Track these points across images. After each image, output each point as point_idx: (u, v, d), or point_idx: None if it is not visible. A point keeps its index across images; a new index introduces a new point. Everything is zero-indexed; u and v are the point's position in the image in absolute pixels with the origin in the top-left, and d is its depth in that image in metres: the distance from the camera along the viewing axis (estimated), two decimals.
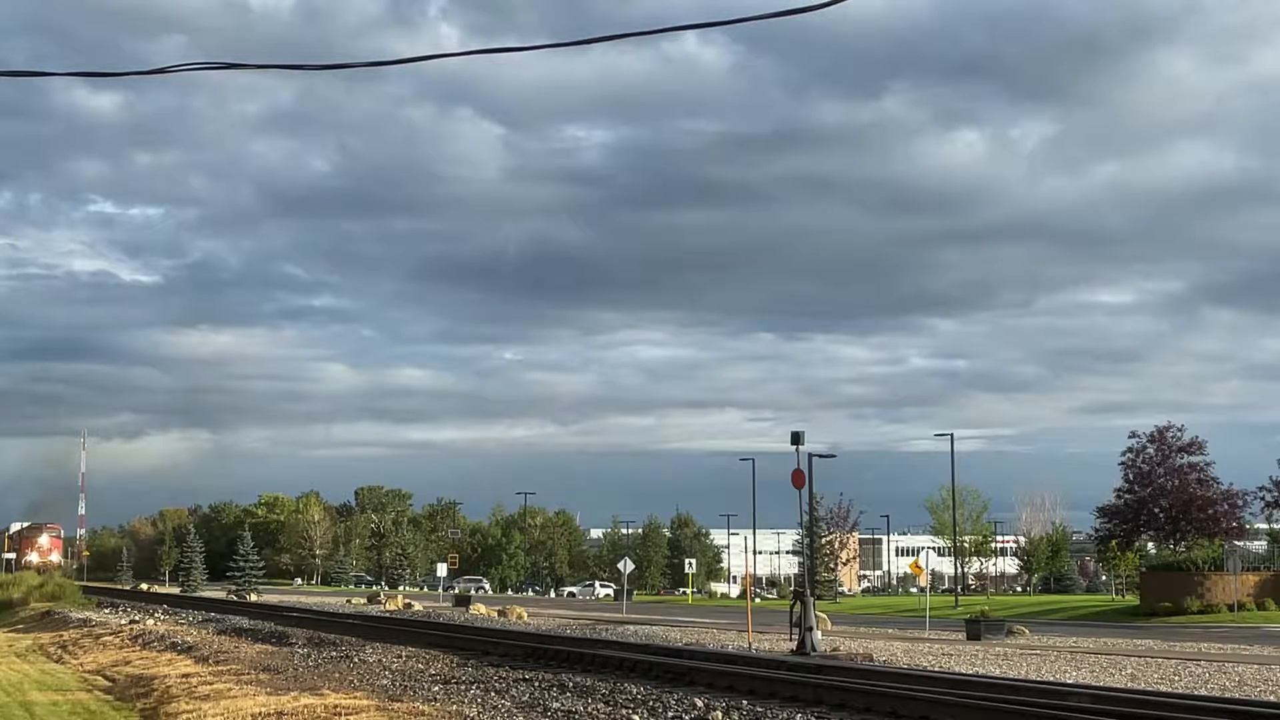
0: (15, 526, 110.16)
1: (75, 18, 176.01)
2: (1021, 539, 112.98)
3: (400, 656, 23.65)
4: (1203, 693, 19.81)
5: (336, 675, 19.94)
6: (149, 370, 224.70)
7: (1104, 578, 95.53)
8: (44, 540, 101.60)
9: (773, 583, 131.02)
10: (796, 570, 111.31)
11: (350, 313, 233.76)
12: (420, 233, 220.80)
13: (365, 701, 15.81)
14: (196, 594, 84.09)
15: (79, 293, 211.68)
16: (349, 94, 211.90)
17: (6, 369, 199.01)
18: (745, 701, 16.08)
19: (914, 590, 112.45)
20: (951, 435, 77.57)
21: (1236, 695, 19.44)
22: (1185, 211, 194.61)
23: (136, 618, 40.19)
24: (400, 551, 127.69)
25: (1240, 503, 66.95)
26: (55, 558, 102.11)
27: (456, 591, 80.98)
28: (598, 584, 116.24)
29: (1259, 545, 74.55)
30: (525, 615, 51.95)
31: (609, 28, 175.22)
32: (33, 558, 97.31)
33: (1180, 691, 19.56)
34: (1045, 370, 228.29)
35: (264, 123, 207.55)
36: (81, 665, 25.92)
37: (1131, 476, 68.91)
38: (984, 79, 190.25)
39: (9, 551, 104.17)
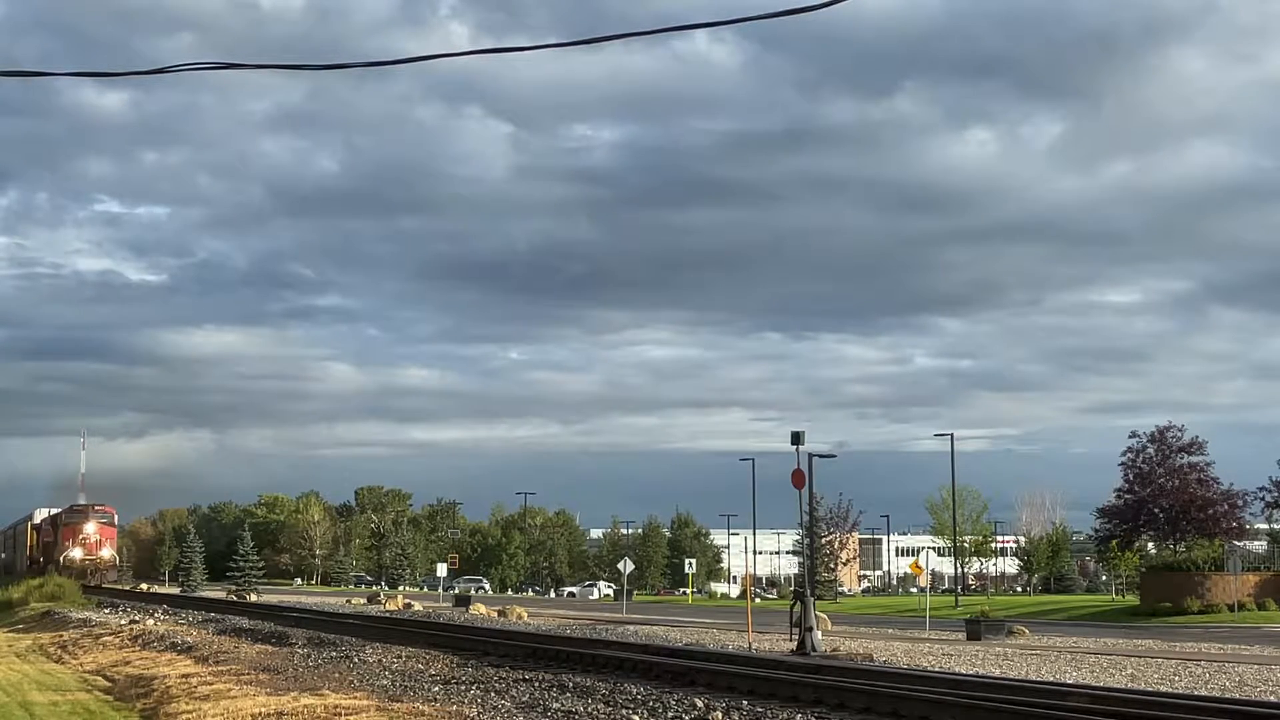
0: (41, 514, 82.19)
1: (84, 16, 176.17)
2: (1022, 539, 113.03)
3: (400, 656, 23.63)
4: (1203, 693, 19.81)
5: (336, 675, 19.92)
6: (153, 370, 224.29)
7: (1104, 578, 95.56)
8: (90, 529, 74.46)
9: (773, 583, 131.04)
10: (796, 570, 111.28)
11: (356, 312, 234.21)
12: (427, 232, 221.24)
13: (365, 701, 15.81)
14: (196, 594, 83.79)
15: (85, 292, 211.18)
16: (358, 93, 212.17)
17: (12, 368, 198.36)
18: (745, 701, 16.06)
19: (914, 590, 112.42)
20: (951, 435, 77.72)
21: (1237, 695, 19.44)
22: (1196, 210, 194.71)
23: (136, 618, 40.15)
24: (400, 552, 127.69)
25: (1240, 503, 67.02)
26: (107, 553, 75.15)
27: (456, 592, 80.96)
28: (598, 584, 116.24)
29: (1259, 545, 74.59)
30: (525, 615, 51.92)
31: (619, 26, 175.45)
32: (75, 553, 72.83)
33: (1180, 691, 19.56)
34: (1051, 370, 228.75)
35: (272, 122, 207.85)
36: (81, 665, 25.91)
37: (1131, 477, 68.97)
38: (997, 77, 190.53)
39: (37, 549, 79.76)
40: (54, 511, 79.34)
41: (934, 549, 63.60)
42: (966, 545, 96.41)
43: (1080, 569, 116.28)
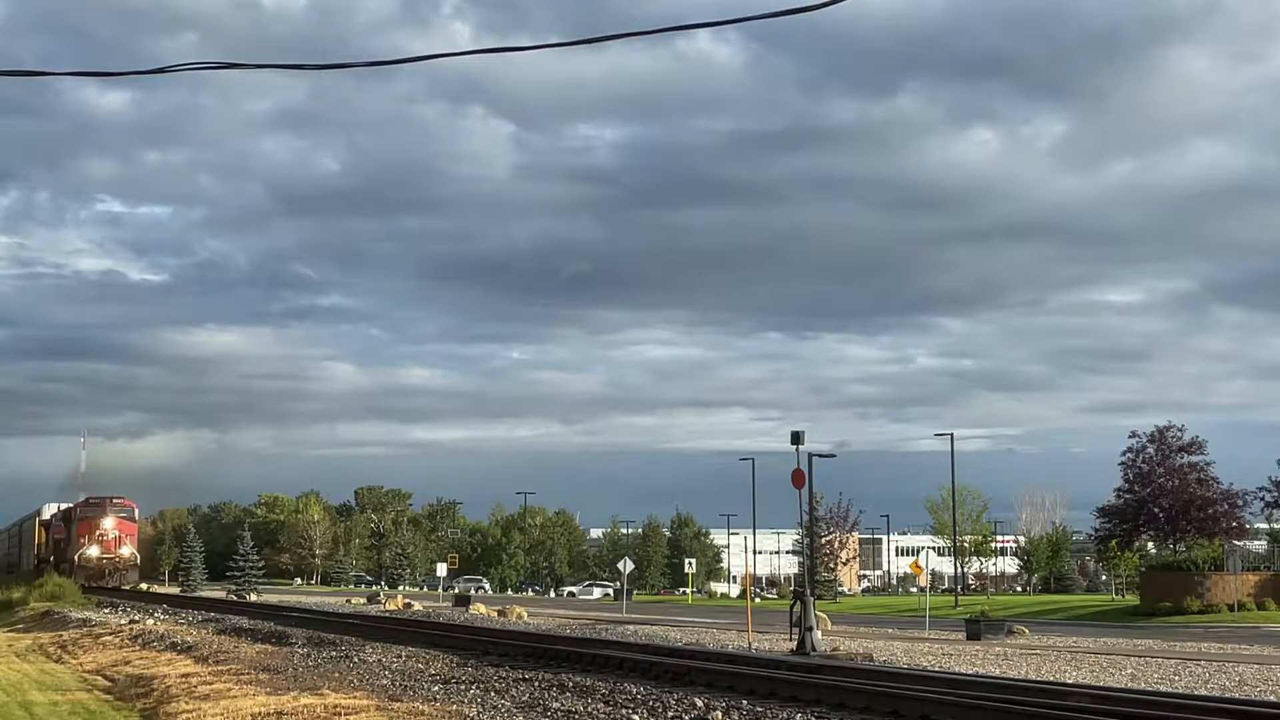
0: (51, 510, 75.77)
1: (86, 16, 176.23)
2: (1021, 539, 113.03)
3: (400, 656, 23.62)
4: (1203, 692, 19.81)
5: (336, 675, 19.92)
6: (155, 369, 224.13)
7: (1104, 578, 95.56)
8: (108, 524, 66.95)
9: (773, 583, 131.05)
10: (796, 570, 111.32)
11: (358, 312, 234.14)
12: (429, 231, 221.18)
13: (365, 701, 15.80)
14: (196, 594, 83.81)
15: (86, 292, 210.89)
16: (360, 92, 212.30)
17: (14, 368, 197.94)
18: (745, 701, 16.06)
19: (914, 590, 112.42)
20: (951, 435, 77.84)
21: (1237, 695, 19.44)
22: (1198, 210, 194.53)
23: (136, 617, 40.14)
24: (400, 551, 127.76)
25: (1240, 502, 67.07)
26: (127, 550, 67.74)
27: (456, 591, 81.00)
28: (599, 584, 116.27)
29: (1259, 545, 74.61)
30: (525, 615, 51.95)
31: (621, 26, 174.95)
32: (91, 551, 66.16)
33: (1180, 691, 19.56)
34: (1052, 370, 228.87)
35: (274, 121, 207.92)
36: (81, 665, 25.89)
37: (1131, 476, 69.02)
38: (999, 77, 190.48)
39: (47, 547, 73.74)
40: (65, 506, 72.78)
41: (934, 549, 63.62)
42: (966, 545, 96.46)
43: (1080, 569, 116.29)
